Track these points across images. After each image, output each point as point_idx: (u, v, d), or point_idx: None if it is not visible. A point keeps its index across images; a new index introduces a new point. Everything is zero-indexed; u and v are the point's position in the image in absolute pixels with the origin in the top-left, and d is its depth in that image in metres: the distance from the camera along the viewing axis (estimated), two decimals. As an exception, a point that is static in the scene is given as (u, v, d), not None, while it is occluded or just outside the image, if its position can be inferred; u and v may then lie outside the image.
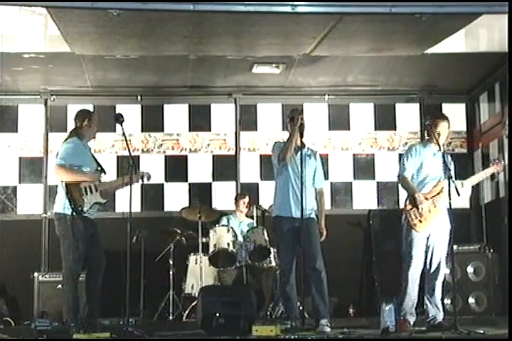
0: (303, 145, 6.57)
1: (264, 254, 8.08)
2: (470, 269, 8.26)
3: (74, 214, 6.27)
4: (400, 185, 6.68)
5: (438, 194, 6.38)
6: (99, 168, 6.54)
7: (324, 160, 9.29)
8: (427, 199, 6.36)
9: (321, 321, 6.31)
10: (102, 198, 6.41)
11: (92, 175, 6.42)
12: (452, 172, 6.34)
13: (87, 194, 6.32)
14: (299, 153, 6.50)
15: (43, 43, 7.95)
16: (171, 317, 8.05)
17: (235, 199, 8.83)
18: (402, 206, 6.57)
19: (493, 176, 8.94)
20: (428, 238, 6.36)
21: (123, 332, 5.68)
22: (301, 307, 6.49)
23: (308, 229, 6.44)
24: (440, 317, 6.31)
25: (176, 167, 9.49)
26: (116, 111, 8.55)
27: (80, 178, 6.35)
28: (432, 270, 6.34)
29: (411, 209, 6.34)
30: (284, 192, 6.55)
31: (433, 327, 6.21)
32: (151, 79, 9.14)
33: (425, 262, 6.36)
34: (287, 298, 6.53)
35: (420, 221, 6.30)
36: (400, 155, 6.58)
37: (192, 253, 8.37)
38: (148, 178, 6.58)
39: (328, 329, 6.24)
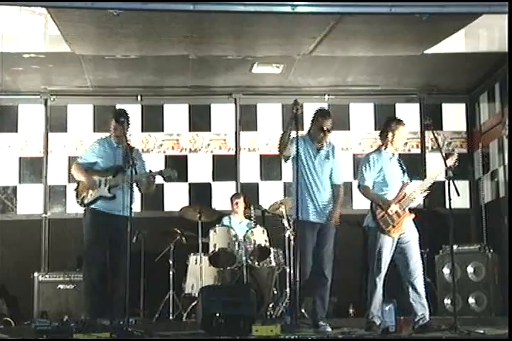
0: (322, 145, 6.52)
1: (264, 254, 8.08)
2: (470, 269, 8.26)
3: (81, 206, 6.59)
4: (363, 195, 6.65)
5: (404, 197, 6.36)
6: (111, 166, 6.64)
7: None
8: (394, 204, 6.34)
9: (320, 322, 6.34)
10: (108, 193, 6.54)
11: (89, 181, 6.60)
12: (406, 174, 6.47)
13: (97, 187, 6.52)
14: (318, 155, 6.48)
15: (43, 43, 7.95)
16: (171, 317, 8.05)
17: (231, 199, 8.84)
18: (368, 214, 6.48)
19: (493, 176, 8.97)
20: (398, 241, 6.35)
21: (123, 332, 5.68)
22: (302, 310, 6.48)
23: (325, 236, 6.43)
24: (427, 315, 6.30)
25: (176, 167, 9.41)
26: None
27: (80, 178, 6.64)
28: (412, 272, 6.29)
29: (382, 216, 6.30)
30: (299, 196, 6.28)
31: (423, 326, 6.18)
32: (151, 79, 9.14)
33: (404, 269, 6.33)
34: (294, 299, 6.46)
35: (393, 226, 6.28)
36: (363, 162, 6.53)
37: (192, 253, 8.37)
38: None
39: (329, 329, 6.28)
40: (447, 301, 8.21)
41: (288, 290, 7.77)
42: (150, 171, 6.71)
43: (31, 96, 9.40)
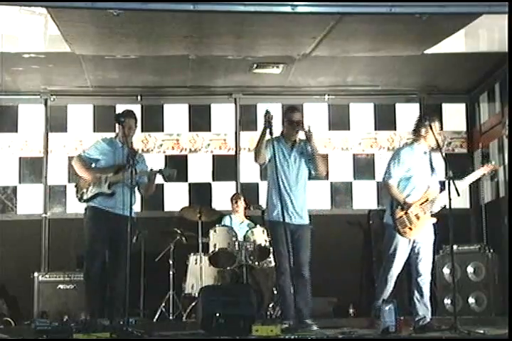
0: (295, 141, 6.56)
1: (264, 254, 8.08)
2: (470, 269, 8.26)
3: (80, 202, 6.68)
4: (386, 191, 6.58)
5: (427, 200, 6.30)
6: (113, 164, 6.66)
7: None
8: (416, 206, 6.27)
9: (306, 321, 6.30)
10: (108, 189, 6.55)
11: (90, 176, 6.64)
12: (441, 172, 6.39)
13: (97, 183, 6.55)
14: (292, 153, 6.52)
15: (43, 43, 7.95)
16: (171, 317, 8.06)
17: (231, 199, 8.84)
18: (387, 210, 6.44)
19: (492, 176, 8.96)
20: (414, 242, 6.32)
21: (123, 332, 5.68)
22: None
23: (301, 237, 6.45)
24: (429, 316, 6.30)
25: (176, 167, 9.43)
26: (116, 111, 8.58)
27: (80, 171, 6.71)
28: (422, 274, 6.30)
29: (400, 217, 6.24)
30: (273, 197, 6.43)
31: (422, 326, 6.18)
32: (151, 79, 9.14)
33: (413, 267, 6.33)
34: (284, 297, 6.50)
35: (410, 228, 6.24)
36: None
37: (192, 253, 8.38)
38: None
39: (315, 328, 6.24)
40: (447, 301, 8.21)
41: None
42: (151, 170, 6.73)
43: (31, 96, 9.40)
